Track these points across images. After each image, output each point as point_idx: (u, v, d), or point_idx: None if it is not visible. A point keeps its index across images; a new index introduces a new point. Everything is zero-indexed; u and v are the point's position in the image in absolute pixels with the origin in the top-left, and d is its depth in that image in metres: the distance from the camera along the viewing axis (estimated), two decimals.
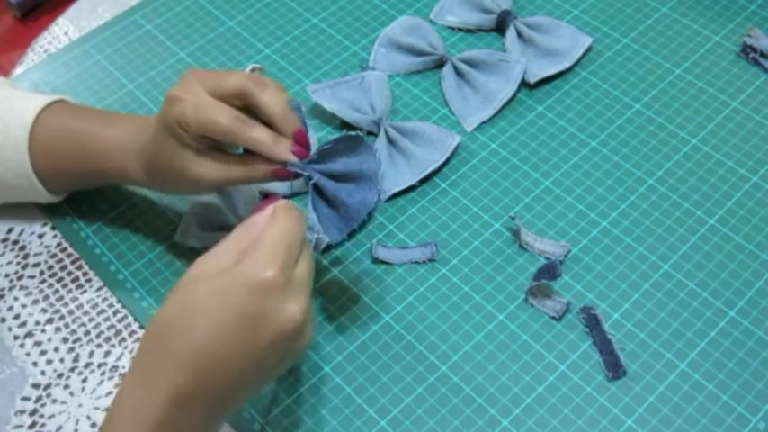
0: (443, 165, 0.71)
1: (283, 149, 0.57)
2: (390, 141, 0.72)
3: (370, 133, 0.74)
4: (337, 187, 0.57)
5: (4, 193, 0.68)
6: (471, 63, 0.77)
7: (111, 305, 0.66)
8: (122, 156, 0.63)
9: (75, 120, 0.65)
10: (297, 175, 0.58)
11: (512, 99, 0.75)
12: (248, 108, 0.57)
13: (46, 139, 0.64)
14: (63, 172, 0.66)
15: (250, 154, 0.58)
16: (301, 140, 0.57)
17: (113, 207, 0.71)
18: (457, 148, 0.72)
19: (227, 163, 0.58)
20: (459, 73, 0.77)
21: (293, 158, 0.57)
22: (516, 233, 0.66)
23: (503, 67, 0.76)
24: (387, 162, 0.71)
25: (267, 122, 0.57)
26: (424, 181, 0.70)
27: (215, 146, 0.59)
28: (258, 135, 0.56)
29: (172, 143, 0.58)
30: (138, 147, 0.62)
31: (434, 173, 0.71)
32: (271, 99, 0.57)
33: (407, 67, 0.79)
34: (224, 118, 0.56)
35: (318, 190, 0.58)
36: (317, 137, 0.74)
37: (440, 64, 0.79)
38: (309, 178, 0.57)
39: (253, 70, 0.58)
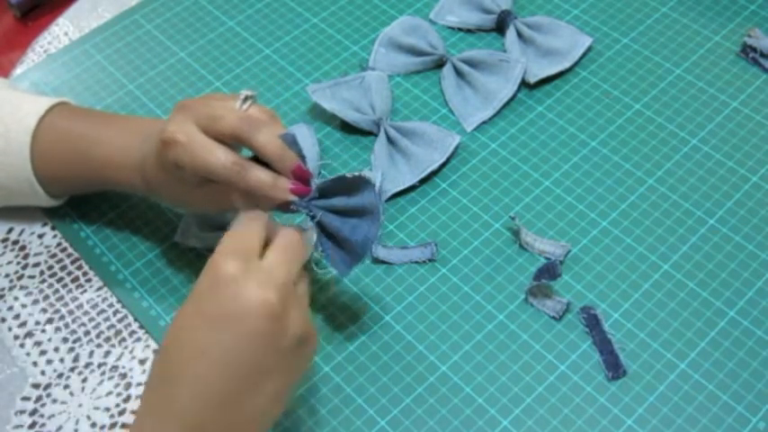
0: (443, 165, 0.71)
1: (282, 191, 0.56)
2: (390, 141, 0.72)
3: (370, 133, 0.74)
4: (341, 224, 0.57)
5: (5, 198, 0.68)
6: (471, 63, 0.77)
7: (111, 305, 0.66)
8: (124, 166, 0.62)
9: (77, 124, 0.65)
10: (288, 209, 0.58)
11: (512, 99, 0.75)
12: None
13: (48, 145, 0.64)
14: (64, 177, 0.66)
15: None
16: (301, 176, 0.57)
17: (113, 207, 0.71)
18: (457, 148, 0.72)
19: (229, 195, 0.58)
20: (459, 73, 0.77)
21: (293, 198, 0.56)
22: (516, 233, 0.66)
23: (503, 67, 0.76)
24: (387, 162, 0.71)
25: (265, 162, 0.57)
26: (424, 181, 0.70)
27: None
28: (256, 179, 0.56)
29: (171, 177, 0.58)
30: (140, 158, 0.61)
31: (434, 173, 0.71)
32: (266, 139, 0.56)
33: (407, 67, 0.79)
34: (220, 163, 0.55)
35: (322, 226, 0.57)
36: (318, 137, 0.74)
37: (440, 64, 0.78)
38: (313, 216, 0.57)
39: (245, 99, 0.57)
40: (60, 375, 0.63)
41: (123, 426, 0.60)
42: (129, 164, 0.62)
